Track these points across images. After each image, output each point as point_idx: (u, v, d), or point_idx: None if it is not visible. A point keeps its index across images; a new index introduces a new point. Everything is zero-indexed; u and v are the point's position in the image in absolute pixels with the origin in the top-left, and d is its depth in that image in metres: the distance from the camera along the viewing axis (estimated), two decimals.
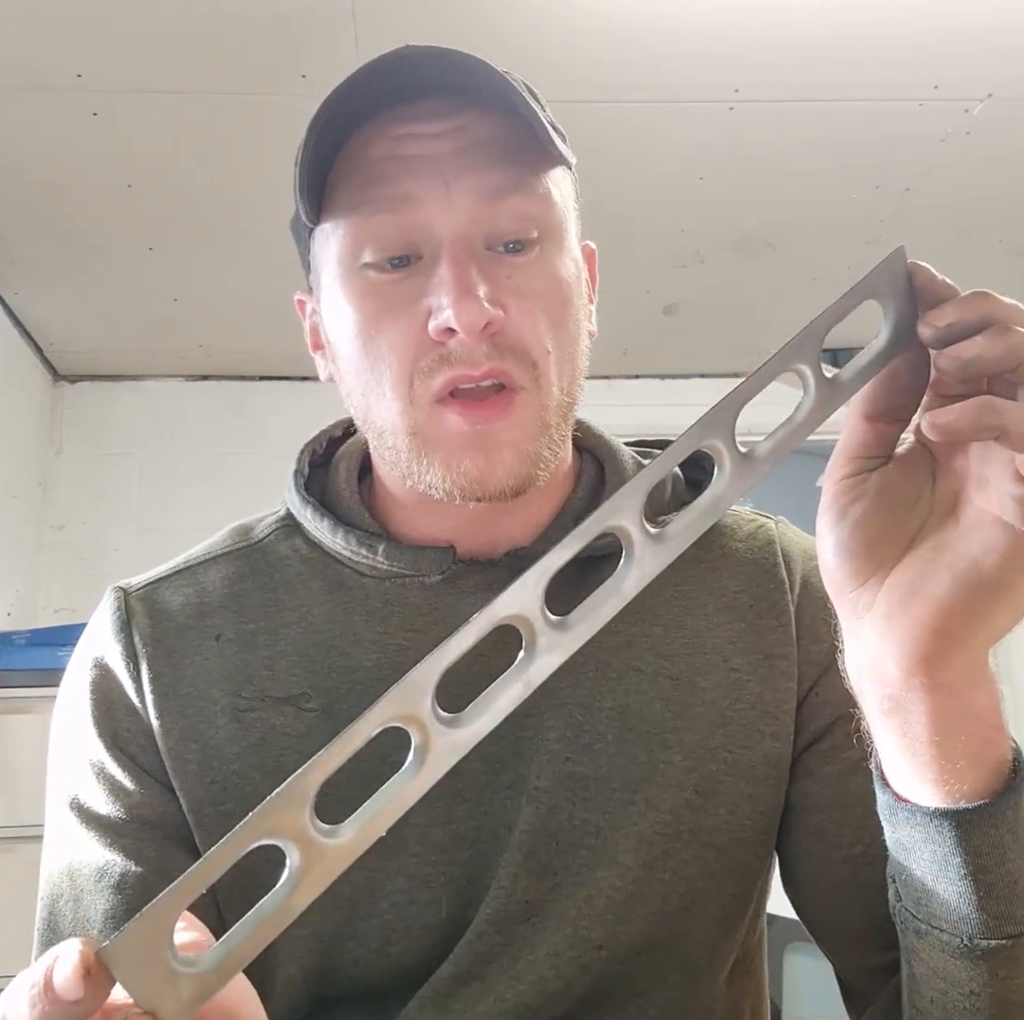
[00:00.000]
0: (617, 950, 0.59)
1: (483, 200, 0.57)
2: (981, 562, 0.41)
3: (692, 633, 0.65)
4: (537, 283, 0.59)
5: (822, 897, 0.64)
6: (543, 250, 0.60)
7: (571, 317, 0.61)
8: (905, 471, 0.45)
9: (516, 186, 0.58)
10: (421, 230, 0.58)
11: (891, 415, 0.44)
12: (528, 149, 0.58)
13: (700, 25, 1.77)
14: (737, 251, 2.53)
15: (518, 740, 0.61)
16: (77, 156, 2.05)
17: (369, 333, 0.59)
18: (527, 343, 0.58)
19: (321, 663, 0.63)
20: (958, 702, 0.44)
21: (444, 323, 0.56)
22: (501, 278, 0.58)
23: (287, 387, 3.05)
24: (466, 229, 0.57)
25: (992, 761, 0.45)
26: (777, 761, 0.63)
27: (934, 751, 0.44)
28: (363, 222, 0.58)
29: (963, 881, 0.46)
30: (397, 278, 0.58)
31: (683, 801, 0.61)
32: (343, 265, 0.60)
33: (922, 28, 1.80)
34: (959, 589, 0.42)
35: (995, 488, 0.41)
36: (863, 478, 0.45)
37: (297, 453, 0.71)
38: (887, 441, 0.45)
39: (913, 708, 0.44)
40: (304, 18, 1.71)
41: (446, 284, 0.56)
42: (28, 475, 2.89)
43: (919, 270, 0.42)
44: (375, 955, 0.59)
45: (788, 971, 2.24)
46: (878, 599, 0.44)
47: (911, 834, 0.47)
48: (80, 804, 0.63)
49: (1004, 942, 0.46)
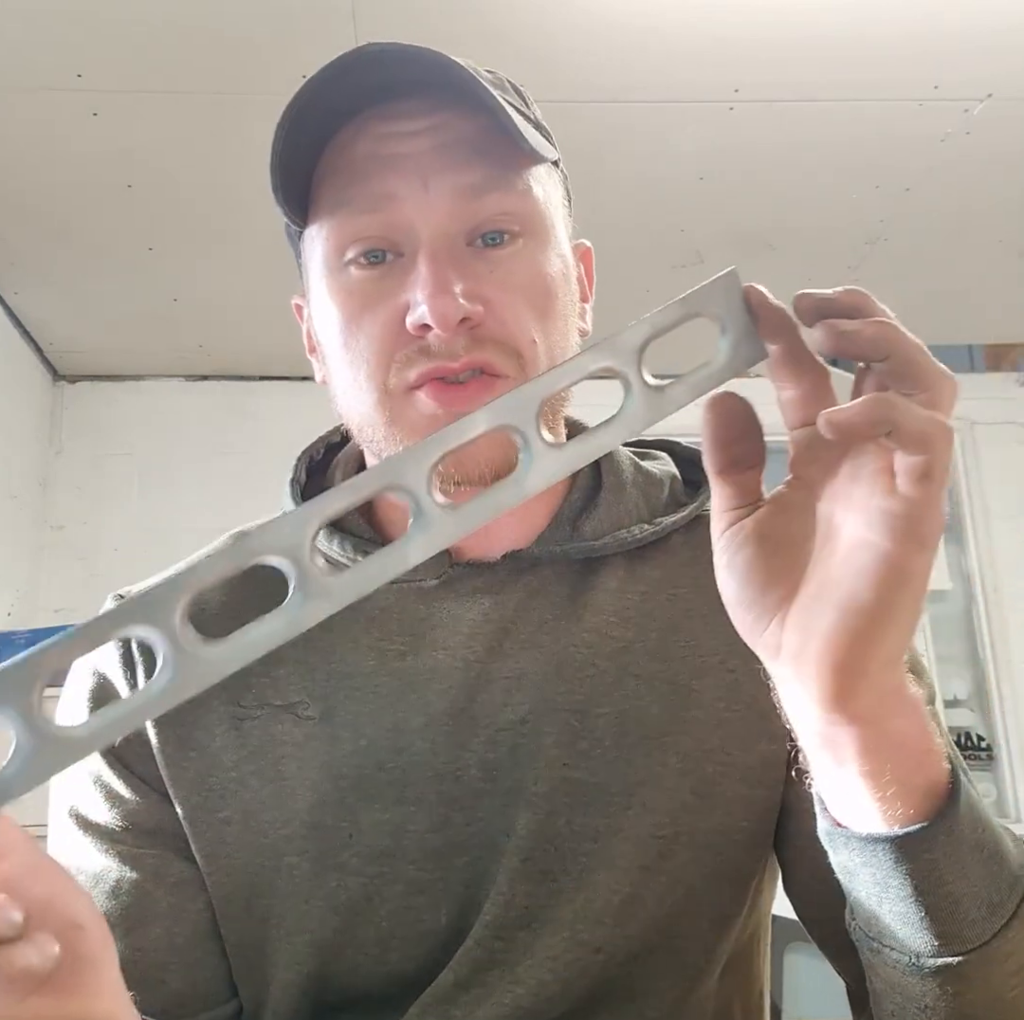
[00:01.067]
0: (615, 953, 0.59)
1: (461, 197, 0.58)
2: (856, 588, 0.40)
3: (688, 636, 0.64)
4: (520, 276, 0.59)
5: (819, 901, 0.63)
6: (526, 244, 0.60)
7: (558, 311, 0.61)
8: (781, 509, 0.44)
9: (494, 182, 0.59)
10: (401, 228, 0.58)
11: (738, 466, 0.44)
12: (505, 145, 0.58)
13: (700, 25, 1.77)
14: (737, 251, 2.53)
15: (515, 746, 0.61)
16: (77, 156, 2.05)
17: (350, 329, 0.60)
18: (510, 334, 0.58)
19: (319, 670, 0.63)
20: (879, 731, 0.43)
21: (419, 319, 0.56)
22: (482, 272, 0.58)
23: (287, 387, 3.04)
24: (445, 226, 0.58)
25: (923, 786, 0.45)
26: (774, 763, 0.63)
27: (865, 781, 0.43)
28: (345, 221, 0.59)
29: (903, 903, 0.46)
30: (377, 275, 0.59)
31: (680, 804, 0.60)
32: (328, 264, 0.61)
33: (922, 28, 1.80)
34: (842, 621, 0.40)
35: (861, 507, 0.40)
36: (739, 526, 0.44)
37: (294, 460, 0.71)
38: (748, 489, 0.44)
39: (840, 742, 0.43)
40: (304, 18, 1.71)
41: (422, 280, 0.56)
42: (28, 475, 2.89)
43: (754, 292, 0.42)
44: (373, 962, 0.59)
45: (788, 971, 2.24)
46: (783, 641, 0.43)
47: (851, 858, 0.47)
48: (78, 812, 0.63)
49: (951, 960, 0.46)
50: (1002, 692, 2.98)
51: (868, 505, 0.40)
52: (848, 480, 0.41)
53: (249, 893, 0.61)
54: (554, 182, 0.64)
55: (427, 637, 0.63)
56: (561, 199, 0.66)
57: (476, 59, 0.66)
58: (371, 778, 0.60)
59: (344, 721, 0.61)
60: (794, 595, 0.43)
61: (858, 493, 0.41)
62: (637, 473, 0.70)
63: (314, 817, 0.60)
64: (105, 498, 3.00)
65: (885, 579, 0.39)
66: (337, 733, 0.61)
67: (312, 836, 0.60)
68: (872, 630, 0.40)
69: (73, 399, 3.07)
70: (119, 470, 3.02)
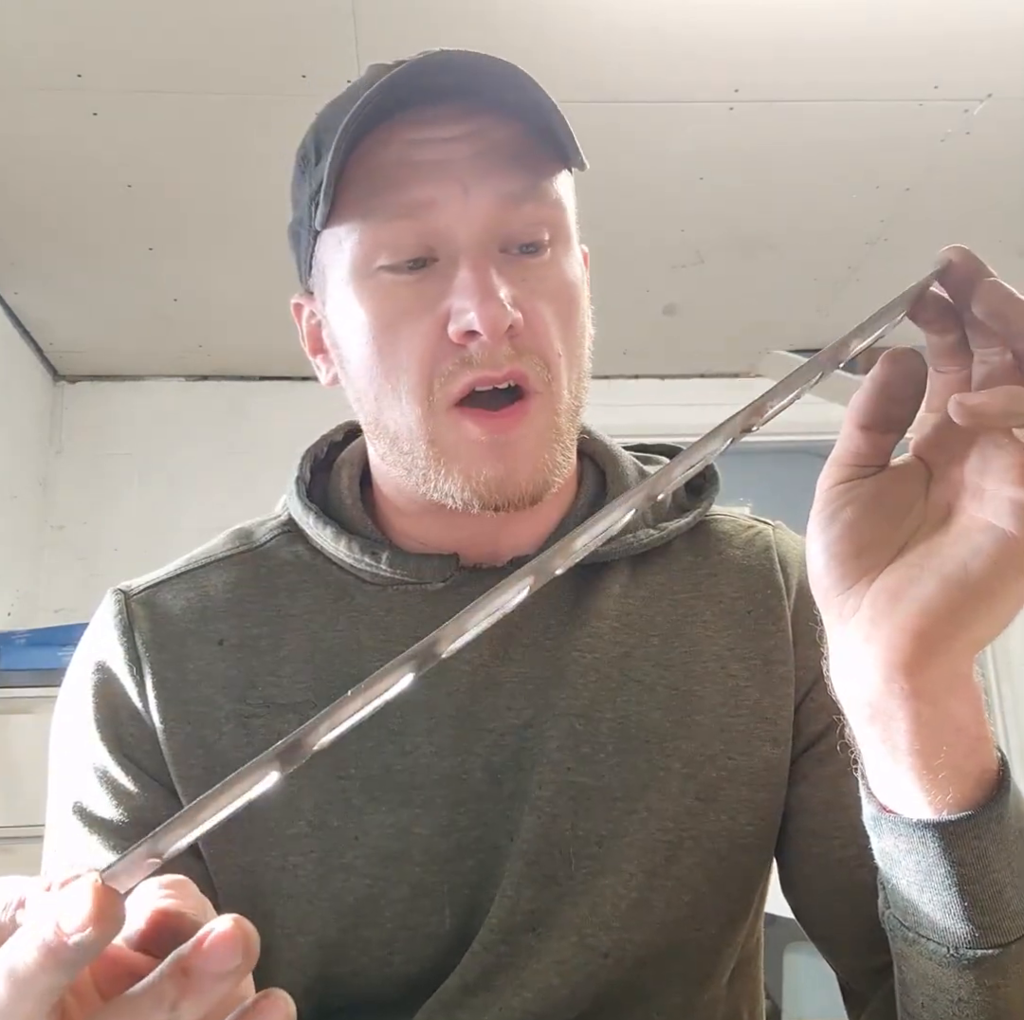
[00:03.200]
0: (623, 958, 0.59)
1: (500, 205, 0.58)
2: (969, 565, 0.41)
3: (690, 642, 0.65)
4: (550, 285, 0.60)
5: (818, 900, 0.64)
6: (554, 252, 0.60)
7: (578, 319, 0.62)
8: (898, 481, 0.44)
9: (531, 191, 0.59)
10: (439, 234, 0.58)
11: (885, 426, 0.43)
12: (542, 152, 0.59)
13: (700, 25, 1.77)
14: (737, 251, 2.53)
15: (519, 751, 0.61)
16: (77, 156, 2.05)
17: (386, 336, 0.59)
18: (542, 345, 0.59)
19: (326, 671, 0.63)
20: (939, 711, 0.43)
21: (466, 326, 0.56)
22: (517, 280, 0.58)
23: (287, 387, 3.04)
24: (483, 233, 0.58)
25: (975, 772, 0.45)
26: (777, 766, 0.63)
27: (915, 761, 0.43)
28: (379, 226, 0.58)
29: (947, 892, 0.46)
30: (413, 280, 0.58)
31: (684, 808, 0.61)
32: (356, 269, 0.59)
33: (922, 28, 1.80)
34: (944, 591, 0.41)
35: (992, 495, 0.41)
36: (856, 484, 0.44)
37: (299, 458, 0.71)
38: (881, 451, 0.44)
39: (894, 716, 0.43)
40: (304, 18, 1.71)
41: (469, 287, 0.56)
42: (28, 475, 2.89)
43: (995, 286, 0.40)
44: (378, 963, 0.59)
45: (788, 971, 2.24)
46: (863, 603, 0.43)
47: (895, 844, 0.47)
48: (83, 808, 0.63)
49: (990, 952, 0.46)
50: (1002, 692, 2.98)
51: (997, 495, 0.40)
52: (976, 472, 0.42)
53: (253, 892, 0.61)
54: (569, 186, 0.65)
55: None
56: (574, 204, 0.66)
57: None
58: (377, 780, 0.60)
59: None
60: (890, 561, 0.43)
61: (988, 483, 0.41)
62: (641, 479, 0.70)
63: (319, 817, 0.60)
64: (105, 498, 3.00)
65: (1001, 562, 0.40)
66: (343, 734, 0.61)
67: (317, 836, 0.60)
68: (972, 610, 0.41)
69: (73, 399, 3.07)
70: (119, 470, 3.02)
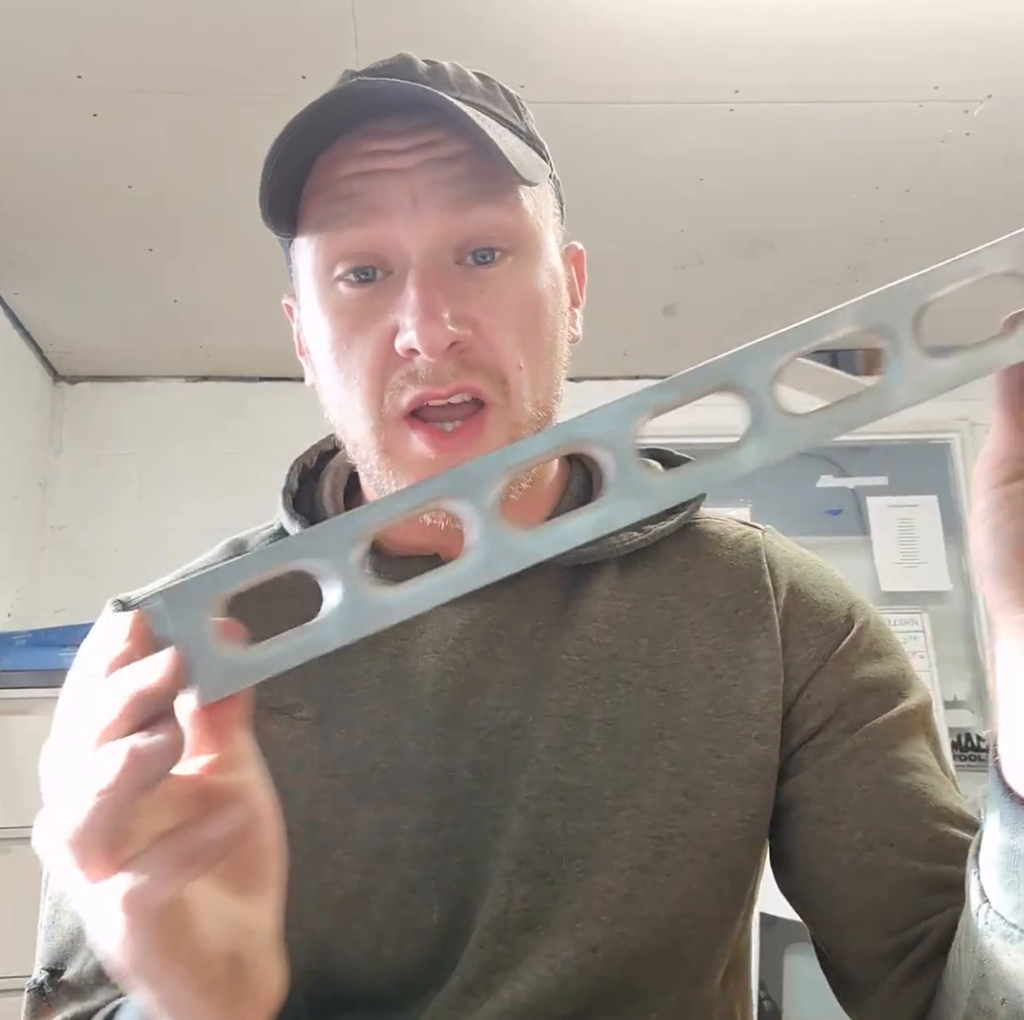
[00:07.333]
0: (615, 953, 0.59)
1: (450, 212, 0.58)
2: None
3: (678, 643, 0.65)
4: (509, 296, 0.60)
5: (823, 886, 0.64)
6: (516, 261, 0.60)
7: (545, 329, 0.62)
8: None
9: (483, 196, 0.59)
10: (390, 244, 0.58)
11: None
12: (494, 164, 0.58)
13: (700, 26, 1.77)
14: (737, 251, 2.53)
15: (507, 751, 0.61)
16: (77, 156, 2.05)
17: (341, 347, 0.60)
18: (497, 359, 0.59)
19: (314, 672, 0.63)
20: None
21: (407, 344, 0.57)
22: (471, 293, 0.58)
23: (287, 388, 3.04)
24: (434, 243, 0.58)
25: None
26: (764, 763, 0.63)
27: None
28: (334, 236, 0.59)
29: None
30: (367, 292, 0.59)
31: (673, 805, 0.61)
32: (317, 278, 0.61)
33: (922, 29, 1.80)
34: None
35: None
36: (1018, 488, 0.40)
37: (287, 469, 0.72)
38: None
39: None
40: (304, 18, 1.71)
41: (410, 305, 0.57)
42: (28, 475, 2.89)
43: None
44: (368, 957, 0.60)
45: (788, 971, 2.24)
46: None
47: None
48: None
49: None
50: None
51: None
52: None
53: None
54: (545, 192, 0.64)
55: (418, 641, 0.64)
56: (552, 209, 0.66)
57: (475, 61, 0.66)
58: (364, 778, 0.61)
59: (338, 722, 0.62)
60: None
61: None
62: None
63: (308, 815, 0.60)
64: (105, 498, 3.00)
65: None
66: (331, 734, 0.62)
67: (306, 832, 0.60)
68: None
69: (73, 399, 3.08)
70: (119, 470, 3.02)
